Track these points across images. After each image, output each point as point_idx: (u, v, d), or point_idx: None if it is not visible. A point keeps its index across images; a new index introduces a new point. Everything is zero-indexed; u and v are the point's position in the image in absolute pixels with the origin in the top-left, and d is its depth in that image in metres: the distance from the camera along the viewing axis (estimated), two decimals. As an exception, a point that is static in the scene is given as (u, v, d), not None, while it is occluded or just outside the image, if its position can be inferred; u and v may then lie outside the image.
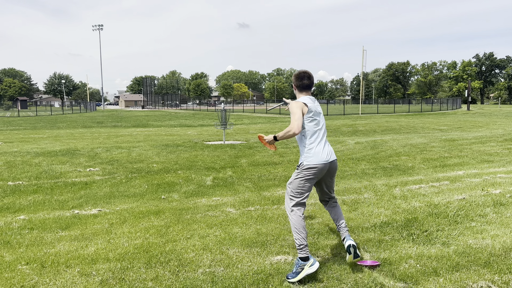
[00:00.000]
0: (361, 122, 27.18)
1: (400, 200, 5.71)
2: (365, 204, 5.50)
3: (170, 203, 5.70)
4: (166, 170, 8.28)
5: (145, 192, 6.44)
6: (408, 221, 4.74)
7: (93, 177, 7.59)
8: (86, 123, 29.73)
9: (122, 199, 5.97)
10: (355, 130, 19.59)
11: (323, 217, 4.93)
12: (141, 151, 10.97)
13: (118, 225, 4.75)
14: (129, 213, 5.20)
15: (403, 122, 26.08)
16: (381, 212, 5.11)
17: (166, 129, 22.68)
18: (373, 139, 14.05)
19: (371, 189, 6.36)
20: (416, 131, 18.24)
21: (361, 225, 4.61)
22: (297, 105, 3.50)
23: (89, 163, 9.10)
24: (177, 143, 12.84)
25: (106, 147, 11.84)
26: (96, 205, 5.67)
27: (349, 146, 11.96)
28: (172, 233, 4.44)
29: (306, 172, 3.49)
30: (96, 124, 29.04)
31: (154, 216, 5.06)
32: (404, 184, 6.69)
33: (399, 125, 22.50)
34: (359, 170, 8.06)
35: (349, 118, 34.74)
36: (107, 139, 15.87)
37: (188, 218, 4.96)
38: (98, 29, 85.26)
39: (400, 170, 8.03)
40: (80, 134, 19.08)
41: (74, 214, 5.22)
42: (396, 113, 44.71)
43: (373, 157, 9.68)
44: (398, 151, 10.70)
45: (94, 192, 6.45)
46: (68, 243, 4.19)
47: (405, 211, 5.17)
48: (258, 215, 5.06)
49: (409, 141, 12.90)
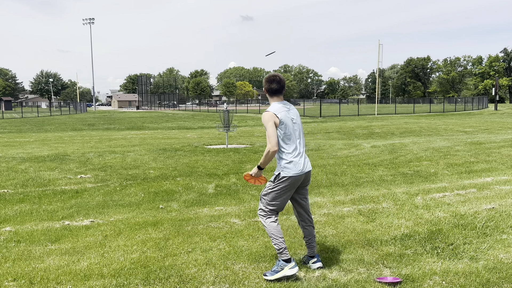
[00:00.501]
0: (377, 123, 27.12)
1: (422, 210, 5.68)
2: (383, 215, 5.48)
3: (169, 213, 5.71)
4: (164, 177, 8.30)
5: (141, 201, 6.45)
6: (432, 233, 4.72)
7: (85, 185, 7.62)
8: (76, 126, 29.91)
9: (116, 209, 5.99)
10: (370, 133, 19.53)
11: (337, 228, 4.91)
12: (136, 156, 11.01)
13: (112, 237, 4.76)
14: (125, 224, 5.21)
15: (423, 123, 25.98)
16: (401, 223, 5.09)
17: (163, 132, 22.76)
18: (391, 142, 14.01)
19: (390, 198, 6.34)
20: (439, 134, 18.16)
21: (380, 238, 4.59)
22: (268, 117, 3.62)
23: (80, 170, 9.15)
24: (175, 147, 12.87)
25: (98, 152, 11.89)
26: (88, 215, 5.68)
27: (364, 150, 11.93)
28: (171, 246, 4.44)
29: (283, 184, 3.64)
30: (87, 126, 29.22)
31: (152, 228, 5.07)
32: (426, 192, 6.66)
33: (420, 127, 22.42)
34: (376, 177, 8.03)
35: (364, 119, 34.68)
36: (99, 143, 15.94)
37: (189, 230, 4.97)
38: (89, 23, 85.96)
39: (421, 177, 7.99)
40: (69, 137, 19.20)
41: (64, 225, 5.24)
42: (416, 113, 44.58)
43: (391, 162, 9.65)
44: (419, 155, 10.66)
45: (86, 201, 6.48)
46: (58, 257, 4.20)
47: (428, 222, 5.14)
48: (266, 226, 5.05)
49: (431, 145, 12.85)
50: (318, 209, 5.77)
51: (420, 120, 29.88)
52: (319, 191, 6.92)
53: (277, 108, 3.69)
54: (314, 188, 7.14)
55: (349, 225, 5.05)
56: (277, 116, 3.62)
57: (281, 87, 3.75)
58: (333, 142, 14.73)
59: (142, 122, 33.94)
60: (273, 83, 3.75)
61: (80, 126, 29.20)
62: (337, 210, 5.74)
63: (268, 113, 3.64)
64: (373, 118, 36.31)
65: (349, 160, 10.11)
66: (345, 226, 5.01)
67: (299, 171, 3.67)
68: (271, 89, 3.76)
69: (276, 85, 3.74)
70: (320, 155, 11.08)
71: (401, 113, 44.43)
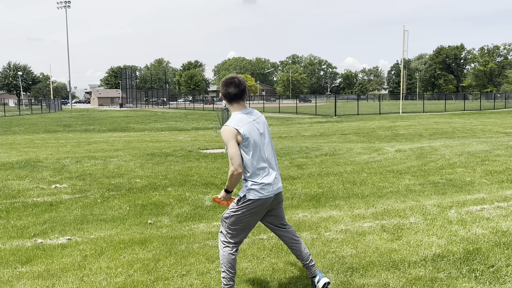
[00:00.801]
0: (402, 123, 27.09)
1: (457, 225, 5.66)
2: (411, 231, 5.46)
3: (159, 230, 5.71)
4: (153, 186, 8.31)
5: (126, 215, 6.45)
6: (469, 253, 4.70)
7: (60, 196, 7.63)
8: (50, 127, 30.03)
9: (97, 225, 5.99)
10: (395, 134, 19.51)
11: (357, 248, 4.90)
12: (120, 163, 11.03)
13: (93, 258, 4.76)
14: (107, 243, 5.21)
15: (457, 123, 25.95)
16: (432, 242, 5.07)
17: (152, 134, 22.81)
18: (419, 145, 13.99)
19: (419, 211, 6.32)
20: (475, 135, 18.13)
21: (407, 259, 4.58)
22: (228, 135, 3.56)
23: (54, 178, 9.17)
24: (165, 152, 12.89)
25: (75, 158, 11.93)
26: (64, 232, 5.69)
27: (388, 155, 11.91)
28: (162, 269, 4.44)
29: (247, 208, 3.62)
30: (63, 127, 29.33)
31: (139, 247, 5.07)
32: (461, 205, 6.64)
33: (453, 128, 22.38)
34: (402, 186, 8.01)
35: (387, 118, 34.65)
36: (77, 147, 15.99)
37: (182, 249, 4.97)
38: (65, 6, 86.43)
39: (455, 186, 7.97)
40: (42, 140, 19.26)
41: (36, 244, 5.25)
42: (448, 111, 44.53)
43: (419, 169, 9.64)
44: (452, 161, 10.64)
45: (62, 215, 6.49)
46: (30, 281, 4.21)
47: (464, 240, 5.12)
48: (273, 245, 5.05)
49: (466, 148, 12.83)
50: (334, 225, 5.76)
51: (452, 120, 29.84)
52: (335, 203, 6.91)
53: (238, 120, 3.61)
54: (329, 200, 7.14)
55: (371, 244, 5.03)
56: (239, 131, 3.54)
57: (240, 91, 3.68)
58: (351, 145, 14.71)
59: (126, 123, 34.03)
60: (231, 86, 3.68)
61: (55, 127, 29.32)
62: (357, 226, 5.73)
63: (227, 129, 3.56)
64: (397, 117, 36.29)
65: (370, 167, 10.09)
66: (366, 245, 5.00)
67: (268, 193, 3.65)
68: (229, 94, 3.69)
69: (234, 89, 3.67)
70: (335, 161, 11.07)
71: (431, 111, 44.38)
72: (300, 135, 20.49)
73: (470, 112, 42.40)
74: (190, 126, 29.77)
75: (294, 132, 22.29)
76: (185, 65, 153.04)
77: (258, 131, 3.68)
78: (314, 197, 7.32)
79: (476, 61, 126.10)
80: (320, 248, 4.93)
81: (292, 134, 21.08)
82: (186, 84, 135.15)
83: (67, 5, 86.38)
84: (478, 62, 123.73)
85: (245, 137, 3.56)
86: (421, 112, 44.06)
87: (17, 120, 38.69)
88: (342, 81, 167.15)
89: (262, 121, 3.80)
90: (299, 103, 59.96)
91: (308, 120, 33.76)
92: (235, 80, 3.69)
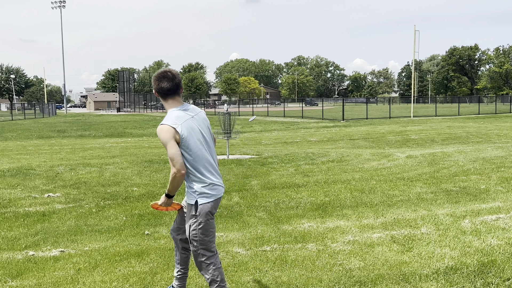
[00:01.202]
0: (413, 128, 27.06)
1: (471, 236, 5.64)
2: (423, 242, 5.44)
3: (157, 241, 5.70)
4: (151, 195, 8.31)
5: (122, 225, 6.45)
6: (483, 265, 4.67)
7: (53, 206, 7.64)
8: (43, 132, 30.13)
9: (92, 236, 5.99)
10: (405, 139, 19.48)
11: (365, 260, 4.88)
12: (116, 170, 11.05)
13: (87, 271, 4.76)
14: (102, 255, 5.21)
15: (471, 127, 25.89)
16: (445, 253, 5.05)
17: (150, 140, 22.85)
18: (431, 151, 13.96)
19: (431, 221, 6.30)
20: (490, 140, 18.07)
21: (419, 272, 4.55)
22: (165, 134, 3.47)
23: (47, 187, 9.18)
24: (164, 159, 12.91)
25: (70, 165, 11.95)
26: (57, 244, 5.69)
27: (398, 161, 11.89)
28: (160, 283, 4.42)
29: (206, 215, 3.59)
30: (57, 133, 29.41)
31: (136, 259, 5.06)
32: (476, 214, 6.61)
33: (466, 132, 22.33)
34: (414, 195, 7.99)
35: (397, 122, 34.62)
36: (71, 153, 16.03)
37: (181, 262, 4.95)
38: (59, 6, 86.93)
39: (469, 195, 7.94)
40: (35, 147, 19.32)
41: (28, 256, 5.25)
42: (462, 115, 44.46)
43: (431, 177, 9.61)
44: (466, 168, 10.61)
45: (55, 226, 6.49)
46: (20, 296, 4.20)
47: (478, 251, 5.09)
48: (276, 257, 5.03)
49: (480, 154, 12.79)
50: (341, 236, 5.74)
51: (466, 124, 29.78)
52: (342, 212, 6.89)
53: (175, 117, 3.53)
54: (336, 209, 7.12)
55: (380, 256, 5.01)
56: (177, 130, 3.46)
57: (175, 85, 3.58)
58: (359, 151, 14.70)
59: (124, 128, 34.12)
60: (164, 81, 3.57)
61: (48, 133, 29.41)
62: (365, 236, 5.71)
63: (164, 128, 3.48)
64: (408, 121, 36.25)
65: (379, 174, 10.07)
66: (375, 257, 4.98)
67: (219, 193, 3.66)
68: (162, 90, 3.58)
69: (167, 84, 3.56)
70: (343, 167, 11.05)
71: (443, 115, 44.32)
72: (306, 140, 20.49)
73: (485, 116, 42.33)
74: (190, 131, 29.79)
75: (299, 137, 22.29)
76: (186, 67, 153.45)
77: (197, 128, 3.61)
78: (320, 206, 7.30)
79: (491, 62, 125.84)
80: (327, 260, 4.91)
81: (297, 139, 21.08)
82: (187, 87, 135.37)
83: (62, 5, 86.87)
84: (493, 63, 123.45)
85: (184, 136, 3.48)
86: (433, 116, 44.01)
87: (9, 126, 38.85)
88: (350, 83, 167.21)
89: (202, 118, 3.72)
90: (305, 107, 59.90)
91: (315, 124, 33.77)
92: (169, 74, 3.58)
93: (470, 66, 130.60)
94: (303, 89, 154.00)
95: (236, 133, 14.99)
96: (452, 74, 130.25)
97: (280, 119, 42.05)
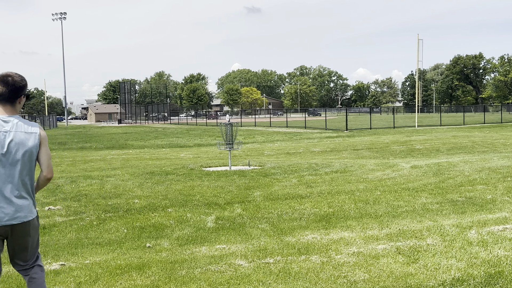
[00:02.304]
0: (418, 137, 27.04)
1: (477, 247, 5.61)
2: (429, 253, 5.41)
3: (158, 254, 5.69)
4: (152, 207, 8.31)
5: (124, 238, 6.44)
6: (490, 276, 4.65)
7: (54, 219, 7.64)
8: (44, 145, 30.18)
9: (92, 249, 5.98)
10: (410, 149, 19.46)
11: (370, 272, 4.85)
12: (117, 182, 11.06)
13: (88, 285, 4.74)
14: (103, 268, 5.20)
15: (477, 137, 25.86)
16: (451, 265, 5.02)
17: (151, 151, 22.88)
18: (436, 161, 13.94)
19: (437, 232, 6.27)
20: (496, 150, 18.04)
21: (424, 283, 4.53)
22: None
23: (47, 199, 9.19)
24: (166, 170, 12.92)
25: (70, 177, 11.97)
26: (58, 257, 5.68)
27: (403, 171, 11.87)
28: (161, 296, 4.41)
29: None
30: (57, 145, 29.49)
31: (137, 272, 5.05)
32: (482, 225, 6.58)
33: (472, 142, 22.30)
34: (419, 205, 7.97)
35: (402, 132, 34.61)
36: (72, 165, 16.05)
37: (183, 275, 4.94)
38: (60, 18, 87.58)
39: (475, 205, 7.92)
40: (35, 159, 19.35)
41: (28, 269, 5.24)
42: (467, 124, 44.43)
43: (437, 187, 9.59)
44: (471, 178, 10.59)
45: (55, 239, 6.49)
46: (20, 310, 4.19)
47: (485, 262, 5.06)
48: (279, 269, 5.01)
49: (486, 164, 12.77)
50: (346, 247, 5.72)
51: (472, 133, 29.75)
52: (346, 224, 6.87)
53: None
54: (340, 220, 7.10)
55: (385, 268, 4.99)
56: None
57: (8, 91, 3.34)
58: (363, 161, 14.68)
59: (125, 140, 34.19)
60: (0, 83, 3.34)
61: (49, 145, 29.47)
62: (370, 248, 5.68)
63: None
64: (412, 131, 36.23)
65: (384, 185, 10.05)
66: (380, 269, 4.96)
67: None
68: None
69: (1, 88, 3.33)
70: (346, 178, 11.03)
71: (448, 125, 44.30)
72: (309, 151, 20.49)
73: (491, 125, 42.29)
74: (192, 142, 29.86)
75: (302, 147, 22.29)
76: (187, 78, 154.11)
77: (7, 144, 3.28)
78: (324, 217, 7.28)
79: (496, 70, 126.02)
80: (331, 272, 4.88)
81: (300, 150, 21.08)
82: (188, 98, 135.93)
83: (63, 17, 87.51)
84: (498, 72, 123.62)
85: None
86: (438, 125, 43.98)
87: (10, 138, 38.97)
88: (354, 93, 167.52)
89: (20, 138, 3.34)
90: (308, 117, 60.06)
91: (318, 135, 33.78)
92: (8, 79, 3.34)
93: (475, 75, 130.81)
94: (306, 99, 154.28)
95: (238, 144, 15.01)
96: (456, 83, 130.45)
97: (282, 130, 42.08)
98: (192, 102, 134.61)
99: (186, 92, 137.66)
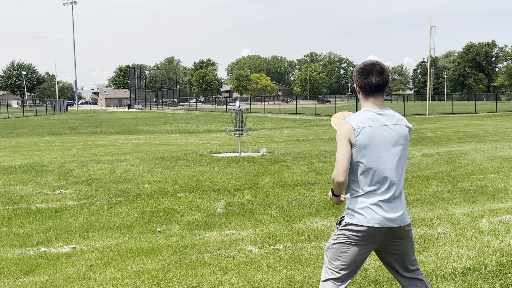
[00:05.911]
0: (429, 125, 26.87)
1: (489, 236, 5.58)
2: (439, 242, 5.40)
3: (169, 238, 5.72)
4: (162, 192, 8.34)
5: (134, 222, 6.48)
6: (502, 266, 4.63)
7: (65, 202, 7.70)
8: (55, 129, 30.37)
9: (103, 233, 6.03)
10: (421, 137, 19.35)
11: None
12: (128, 167, 11.10)
13: (99, 268, 4.78)
14: (114, 252, 5.23)
15: (488, 125, 25.64)
16: (463, 253, 5.00)
17: (161, 137, 22.93)
18: (448, 149, 13.85)
19: (448, 221, 6.25)
20: (508, 139, 17.88)
21: (435, 272, 4.52)
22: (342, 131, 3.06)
23: (59, 183, 9.25)
24: (176, 156, 12.94)
25: (81, 162, 12.03)
26: (69, 240, 5.73)
27: (413, 159, 11.81)
28: (172, 280, 4.44)
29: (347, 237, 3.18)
30: (68, 130, 29.63)
31: (147, 256, 5.08)
32: (494, 214, 6.55)
33: (484, 130, 22.12)
34: (430, 194, 7.93)
35: (413, 120, 34.39)
36: (83, 150, 16.13)
37: (193, 260, 4.97)
38: (71, 2, 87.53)
39: (487, 194, 7.87)
40: (46, 143, 19.47)
41: (40, 252, 5.29)
42: (478, 113, 44.04)
43: (448, 175, 9.54)
44: (483, 166, 10.52)
45: (67, 222, 6.54)
46: (32, 292, 4.23)
47: (496, 251, 5.04)
48: (289, 255, 5.03)
49: (498, 153, 12.67)
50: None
51: (484, 122, 29.50)
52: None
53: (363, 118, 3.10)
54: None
55: (396, 255, 4.98)
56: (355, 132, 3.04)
57: (384, 81, 3.13)
58: (373, 149, 14.60)
59: (135, 125, 34.28)
60: (372, 75, 3.08)
61: (60, 130, 29.64)
62: (380, 235, 5.67)
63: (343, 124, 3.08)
64: (423, 119, 35.98)
65: (394, 172, 10.00)
66: (390, 256, 4.94)
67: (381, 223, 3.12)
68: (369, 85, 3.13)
69: (376, 79, 3.10)
70: (357, 165, 10.99)
71: (460, 113, 43.93)
72: (318, 138, 20.43)
73: (503, 114, 41.86)
74: (201, 128, 29.88)
75: (312, 134, 22.23)
76: (197, 64, 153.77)
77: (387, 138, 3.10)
78: (334, 205, 7.27)
79: (509, 59, 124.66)
80: (341, 259, 4.88)
81: (310, 137, 21.03)
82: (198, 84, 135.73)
83: (74, 1, 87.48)
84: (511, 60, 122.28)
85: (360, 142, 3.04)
86: (450, 113, 43.63)
87: (20, 122, 39.22)
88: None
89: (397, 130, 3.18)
90: (317, 104, 59.73)
91: (328, 122, 33.65)
92: (378, 67, 3.11)
93: (487, 62, 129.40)
94: (316, 86, 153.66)
95: (248, 130, 14.99)
96: (468, 71, 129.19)
97: (292, 117, 41.98)
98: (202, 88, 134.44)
99: (196, 78, 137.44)
